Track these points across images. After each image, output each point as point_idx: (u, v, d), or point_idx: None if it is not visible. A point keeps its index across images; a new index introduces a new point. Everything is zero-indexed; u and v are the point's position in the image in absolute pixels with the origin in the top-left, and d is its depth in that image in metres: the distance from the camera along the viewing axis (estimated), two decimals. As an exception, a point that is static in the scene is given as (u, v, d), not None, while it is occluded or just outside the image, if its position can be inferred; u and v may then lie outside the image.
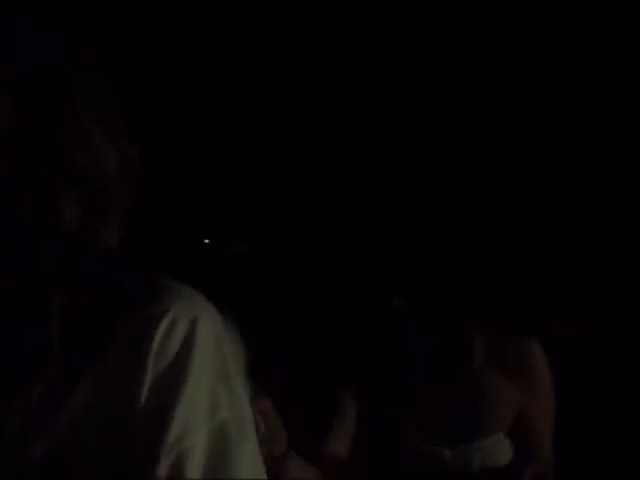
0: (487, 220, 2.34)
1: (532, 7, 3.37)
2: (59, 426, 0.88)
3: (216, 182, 3.68)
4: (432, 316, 2.20)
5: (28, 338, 0.89)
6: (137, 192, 1.00)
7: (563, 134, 3.45)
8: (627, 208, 3.44)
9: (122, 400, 0.88)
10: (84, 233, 0.94)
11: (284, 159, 3.62)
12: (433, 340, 2.21)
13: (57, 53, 0.96)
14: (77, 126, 0.94)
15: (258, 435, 1.69)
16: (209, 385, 0.90)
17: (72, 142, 0.93)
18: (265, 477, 0.95)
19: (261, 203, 3.67)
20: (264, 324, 3.38)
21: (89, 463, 0.88)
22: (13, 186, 0.92)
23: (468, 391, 2.21)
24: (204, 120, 3.60)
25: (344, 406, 2.23)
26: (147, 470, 0.87)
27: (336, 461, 2.17)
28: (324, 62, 3.54)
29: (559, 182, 3.46)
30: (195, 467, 0.88)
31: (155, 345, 0.89)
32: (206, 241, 3.79)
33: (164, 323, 0.89)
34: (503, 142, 3.40)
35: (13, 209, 0.92)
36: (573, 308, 3.31)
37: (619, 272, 3.41)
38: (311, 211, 3.54)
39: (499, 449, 2.19)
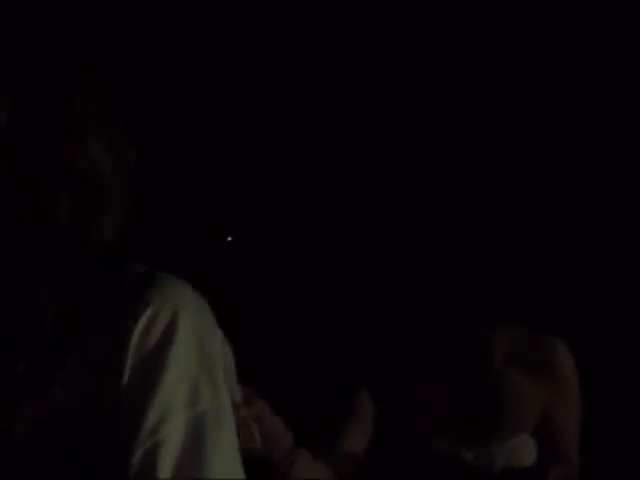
0: (487, 219, 2.33)
1: (532, 7, 3.37)
2: (43, 409, 0.90)
3: (218, 180, 3.68)
4: (448, 315, 2.18)
5: (24, 332, 0.91)
6: (141, 192, 1.01)
7: (568, 136, 3.45)
8: (627, 208, 3.44)
9: (105, 390, 0.90)
10: (81, 232, 0.95)
11: (284, 159, 3.62)
12: (451, 340, 2.19)
13: (57, 53, 0.96)
14: (76, 126, 0.95)
15: (255, 444, 1.65)
16: (189, 376, 0.92)
17: (71, 142, 0.94)
18: (240, 466, 0.96)
19: (264, 203, 3.67)
20: (269, 324, 3.38)
21: (77, 449, 0.90)
22: (13, 186, 0.93)
23: (488, 391, 2.18)
24: (205, 121, 3.60)
25: (360, 404, 2.21)
26: (125, 455, 0.89)
27: (351, 459, 2.15)
28: (324, 62, 3.54)
29: (556, 181, 3.46)
30: (169, 456, 0.89)
31: (136, 337, 0.91)
32: (229, 239, 3.79)
33: (145, 315, 0.91)
34: (509, 141, 3.40)
35: (13, 209, 0.92)
36: (573, 308, 3.31)
37: (619, 272, 3.41)
38: (313, 212, 3.54)
39: (523, 450, 2.16)
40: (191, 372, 0.92)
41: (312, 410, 2.20)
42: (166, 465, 0.89)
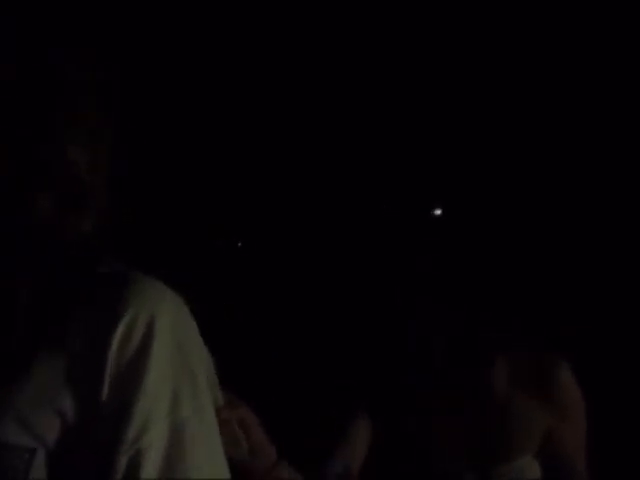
0: (488, 220, 2.33)
1: (532, 7, 3.37)
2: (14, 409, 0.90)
3: (220, 180, 3.68)
4: (450, 340, 2.17)
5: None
6: (152, 196, 1.02)
7: (565, 138, 3.46)
8: (627, 208, 3.44)
9: (82, 395, 0.90)
10: (59, 232, 0.95)
11: (285, 159, 3.62)
12: (451, 340, 2.18)
13: (57, 53, 0.97)
14: (52, 126, 0.95)
15: (240, 451, 1.64)
16: (170, 381, 0.92)
17: (47, 142, 0.94)
18: (226, 468, 0.96)
19: (264, 203, 3.67)
20: (270, 325, 3.38)
21: (56, 456, 0.90)
22: (6, 186, 0.93)
23: (492, 413, 2.17)
24: (214, 128, 3.61)
25: (357, 422, 2.19)
26: (108, 464, 0.89)
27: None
28: (324, 62, 3.54)
29: (556, 182, 3.46)
30: (152, 461, 0.90)
31: (115, 342, 0.90)
32: (239, 244, 3.79)
33: (124, 320, 0.91)
34: (510, 140, 3.40)
35: (14, 208, 0.93)
36: (573, 308, 3.31)
37: (619, 272, 3.41)
38: (315, 214, 3.54)
39: (528, 471, 2.15)
40: (172, 377, 0.92)
41: (312, 409, 2.20)
42: (151, 470, 0.90)
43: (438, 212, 2.26)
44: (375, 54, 3.48)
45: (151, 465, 0.89)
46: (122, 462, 0.89)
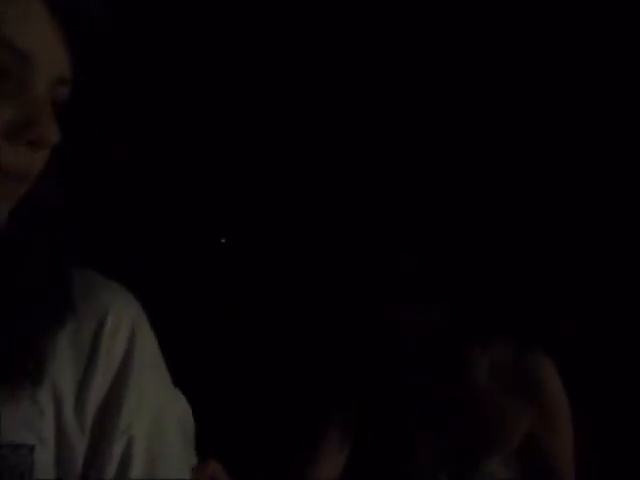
0: (486, 220, 2.33)
1: (532, 7, 3.37)
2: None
3: (214, 181, 3.68)
4: (430, 333, 2.15)
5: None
6: (138, 194, 1.03)
7: (561, 140, 3.46)
8: (627, 209, 3.44)
9: (74, 392, 0.95)
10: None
11: (283, 158, 3.62)
12: (432, 359, 2.15)
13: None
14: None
15: None
16: (151, 377, 1.00)
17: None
18: (194, 454, 1.08)
19: (261, 203, 3.67)
20: (266, 325, 3.38)
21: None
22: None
23: (467, 411, 2.14)
24: (202, 122, 3.61)
25: (333, 430, 2.17)
26: (104, 450, 0.95)
27: None
28: (323, 62, 3.54)
29: (556, 178, 3.46)
30: (138, 450, 0.96)
31: (103, 345, 0.96)
32: (222, 240, 3.78)
33: (109, 322, 0.97)
34: (508, 143, 3.40)
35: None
36: (573, 308, 3.30)
37: (619, 272, 3.41)
38: (311, 212, 3.54)
39: (501, 474, 2.11)
40: (152, 374, 1.00)
41: (310, 410, 2.20)
42: (140, 458, 0.96)
43: (435, 212, 2.26)
44: (373, 55, 3.48)
45: (140, 453, 0.96)
46: (115, 450, 0.95)
